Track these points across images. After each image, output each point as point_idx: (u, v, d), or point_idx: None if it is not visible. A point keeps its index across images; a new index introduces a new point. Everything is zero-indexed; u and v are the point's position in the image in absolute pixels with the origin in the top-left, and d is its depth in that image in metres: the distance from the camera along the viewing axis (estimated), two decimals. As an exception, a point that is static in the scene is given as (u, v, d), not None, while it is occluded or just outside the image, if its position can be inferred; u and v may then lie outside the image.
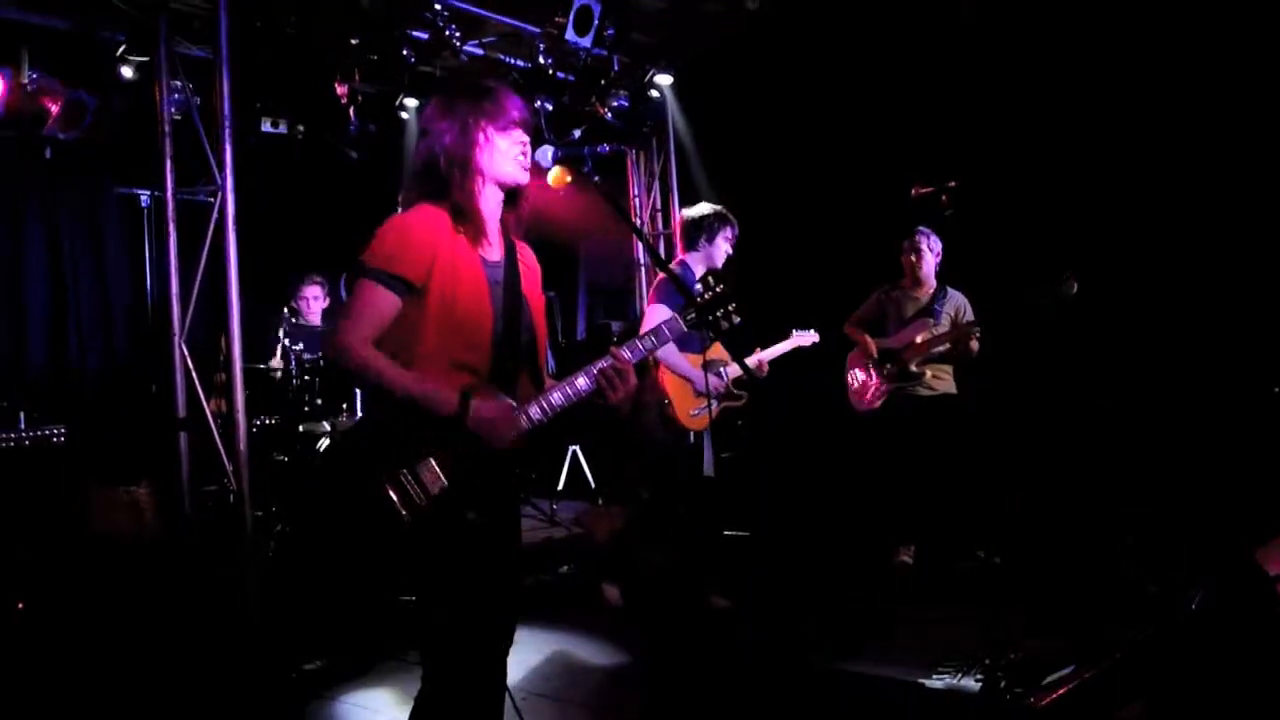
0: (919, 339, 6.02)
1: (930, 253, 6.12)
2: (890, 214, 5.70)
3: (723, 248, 5.35)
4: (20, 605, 4.57)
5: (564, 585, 6.24)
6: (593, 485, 7.89)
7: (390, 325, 2.57)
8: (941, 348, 5.95)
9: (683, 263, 5.33)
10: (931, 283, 6.17)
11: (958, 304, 6.11)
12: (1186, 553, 5.00)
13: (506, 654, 2.86)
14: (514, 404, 2.61)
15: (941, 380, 6.04)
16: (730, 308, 2.74)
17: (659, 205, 8.02)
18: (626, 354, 2.69)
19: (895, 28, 7.02)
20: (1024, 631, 4.40)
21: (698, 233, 5.34)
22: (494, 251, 2.73)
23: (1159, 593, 3.63)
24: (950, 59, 7.05)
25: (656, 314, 5.01)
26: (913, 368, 6.03)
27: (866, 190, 7.92)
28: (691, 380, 5.13)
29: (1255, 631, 2.74)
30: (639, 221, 7.88)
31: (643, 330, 4.81)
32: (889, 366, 6.12)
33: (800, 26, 6.98)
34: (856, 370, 6.33)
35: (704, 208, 5.35)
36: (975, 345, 5.85)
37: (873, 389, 6.20)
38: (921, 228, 6.11)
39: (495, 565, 2.69)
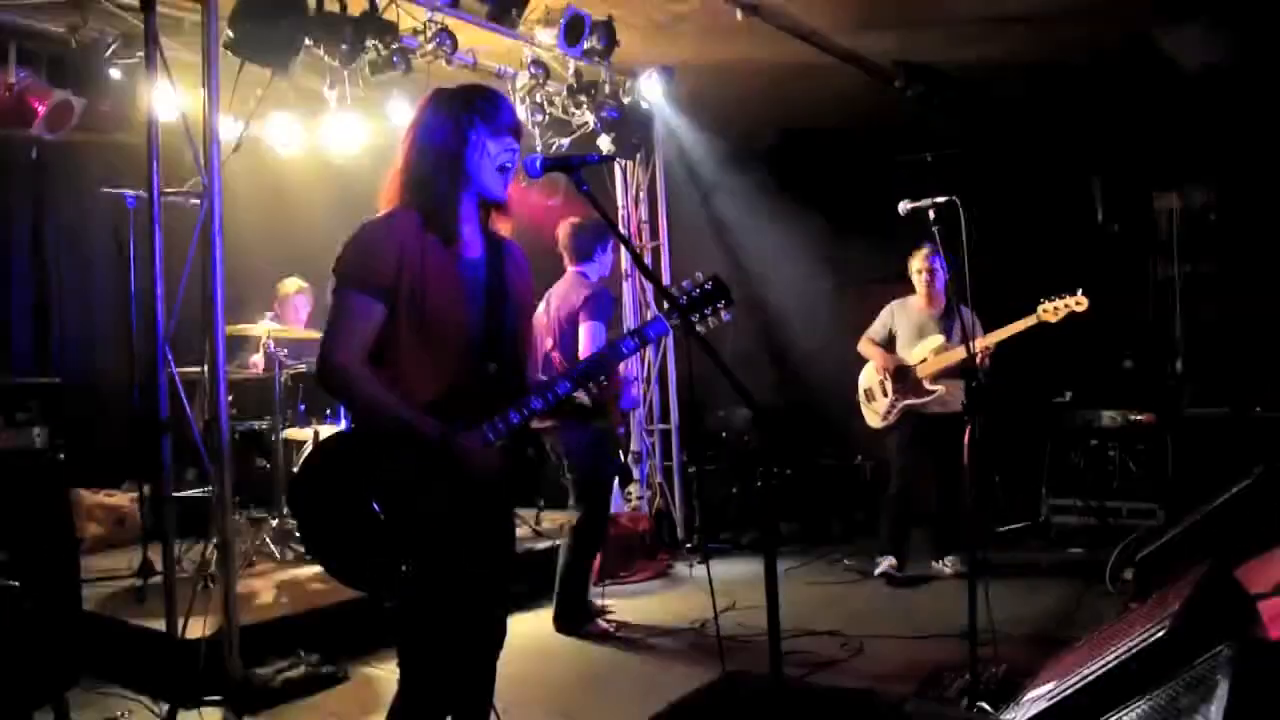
0: (932, 357, 6.07)
1: (941, 270, 6.14)
2: (881, 229, 5.72)
3: (613, 256, 5.41)
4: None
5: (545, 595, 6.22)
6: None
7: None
8: (954, 364, 5.98)
9: (582, 274, 5.30)
10: (942, 300, 6.21)
11: (968, 321, 6.15)
12: (1169, 568, 5.01)
13: (493, 662, 2.86)
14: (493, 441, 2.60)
15: (955, 396, 6.08)
16: (719, 305, 2.73)
17: (646, 217, 8.03)
18: (651, 333, 2.72)
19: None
20: (1006, 647, 4.41)
21: (595, 242, 5.35)
22: (472, 249, 2.70)
23: (1140, 608, 3.63)
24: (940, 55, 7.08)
25: (595, 332, 4.99)
26: (926, 384, 6.09)
27: (855, 203, 7.94)
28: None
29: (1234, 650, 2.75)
30: (626, 232, 7.88)
31: (584, 354, 4.85)
32: (902, 383, 6.16)
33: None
34: (869, 386, 6.38)
35: (593, 218, 5.36)
36: (987, 362, 5.87)
37: (885, 405, 6.25)
38: (930, 244, 6.12)
39: (479, 572, 2.69)
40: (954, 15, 6.10)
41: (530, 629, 5.41)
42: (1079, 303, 5.48)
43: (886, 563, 6.27)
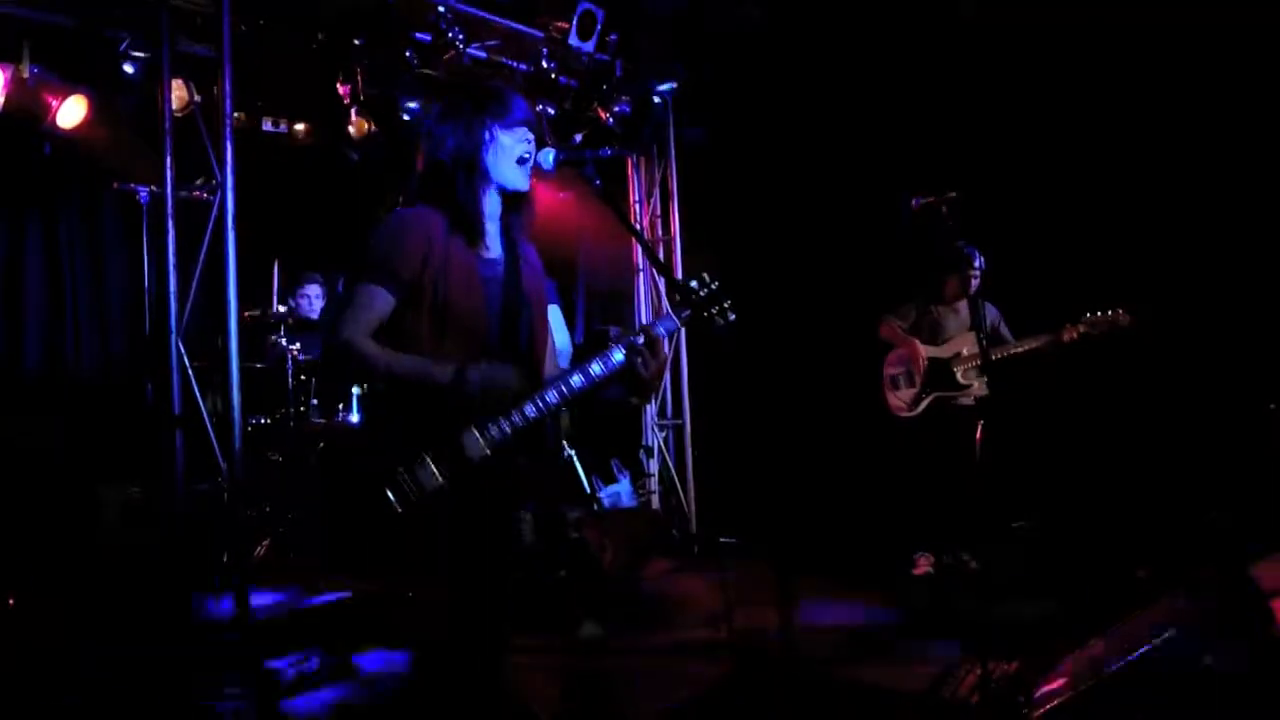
0: (966, 351, 6.06)
1: (979, 265, 6.10)
2: (895, 224, 5.70)
3: None
4: (11, 602, 4.55)
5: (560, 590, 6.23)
6: (588, 489, 7.87)
7: (387, 324, 2.59)
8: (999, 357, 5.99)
9: None
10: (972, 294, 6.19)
11: (993, 317, 6.17)
12: (1184, 567, 5.00)
13: (503, 654, 2.86)
14: (510, 365, 2.61)
15: (983, 390, 6.08)
16: (725, 305, 2.73)
17: (659, 211, 8.02)
18: (660, 329, 2.69)
19: (900, 35, 7.02)
20: (1021, 644, 4.39)
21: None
22: (492, 250, 2.73)
23: (1155, 606, 3.62)
24: (956, 67, 7.04)
25: (555, 317, 4.97)
26: (960, 378, 6.08)
27: (869, 199, 7.92)
28: None
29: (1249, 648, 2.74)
30: (639, 227, 7.87)
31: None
32: (935, 375, 6.15)
33: (804, 35, 6.98)
34: (896, 373, 6.34)
35: None
36: (1043, 343, 5.89)
37: (913, 395, 6.22)
38: (966, 243, 6.09)
39: (490, 566, 2.70)
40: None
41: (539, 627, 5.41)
42: (1124, 318, 5.53)
43: (924, 562, 6.25)
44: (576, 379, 2.65)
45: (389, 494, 2.50)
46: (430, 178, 2.68)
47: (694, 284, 2.74)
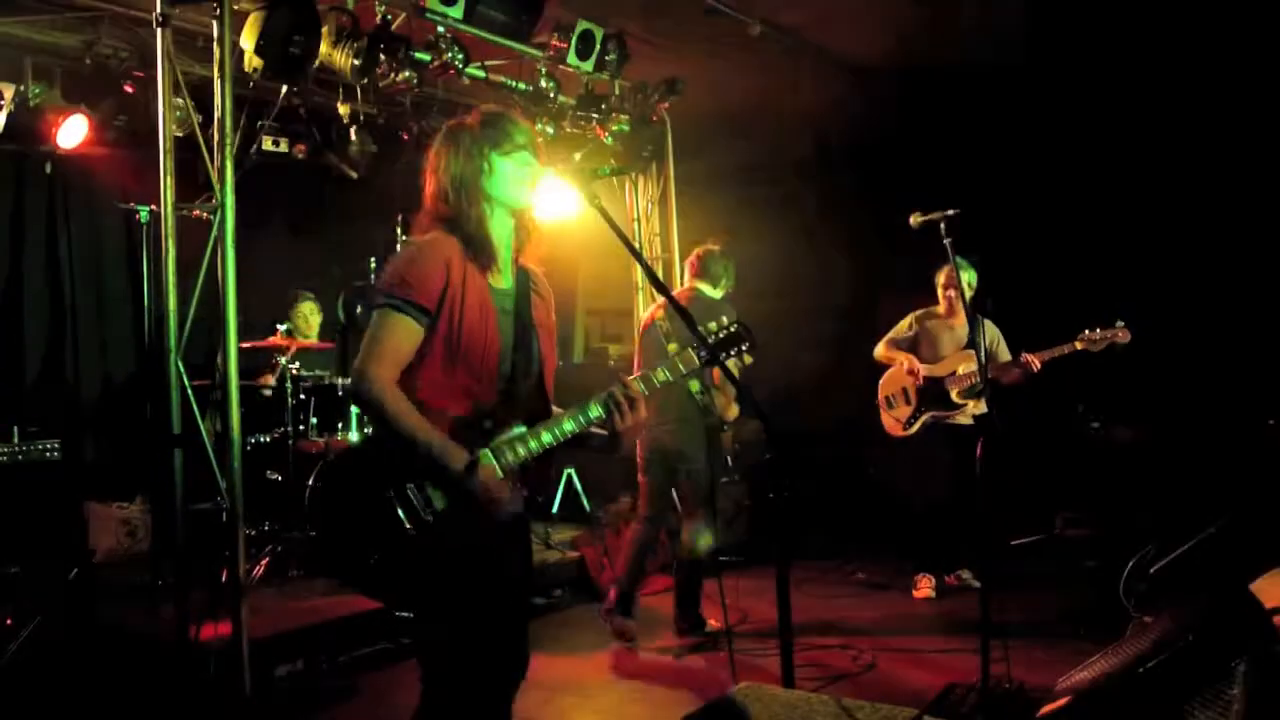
0: (961, 370, 6.02)
1: (968, 284, 6.06)
2: (894, 240, 5.71)
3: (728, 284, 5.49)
4: (9, 621, 4.54)
5: (558, 609, 6.23)
6: (587, 508, 7.85)
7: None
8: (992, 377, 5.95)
9: (697, 290, 5.35)
10: (966, 313, 6.18)
11: (992, 334, 6.14)
12: (1184, 583, 4.98)
13: (516, 680, 2.85)
14: (514, 485, 2.63)
15: (980, 408, 6.04)
16: (744, 347, 2.75)
17: (658, 230, 8.03)
18: (641, 385, 2.68)
19: (895, 50, 7.04)
20: (1019, 661, 4.38)
21: (722, 268, 5.44)
22: (503, 279, 2.75)
23: (1155, 622, 3.61)
24: (951, 80, 7.07)
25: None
26: (955, 397, 6.04)
27: (868, 215, 7.94)
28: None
29: (1251, 664, 2.73)
30: (638, 245, 7.88)
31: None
32: (930, 394, 6.12)
33: (800, 47, 7.00)
34: (892, 393, 6.32)
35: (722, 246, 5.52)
36: (1017, 374, 5.83)
37: (908, 414, 6.20)
38: (957, 258, 6.07)
39: (499, 584, 2.69)
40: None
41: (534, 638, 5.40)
42: (1122, 335, 5.50)
43: (925, 583, 6.21)
44: (569, 424, 2.65)
45: (399, 510, 2.50)
46: (441, 208, 2.71)
47: (712, 324, 2.76)
